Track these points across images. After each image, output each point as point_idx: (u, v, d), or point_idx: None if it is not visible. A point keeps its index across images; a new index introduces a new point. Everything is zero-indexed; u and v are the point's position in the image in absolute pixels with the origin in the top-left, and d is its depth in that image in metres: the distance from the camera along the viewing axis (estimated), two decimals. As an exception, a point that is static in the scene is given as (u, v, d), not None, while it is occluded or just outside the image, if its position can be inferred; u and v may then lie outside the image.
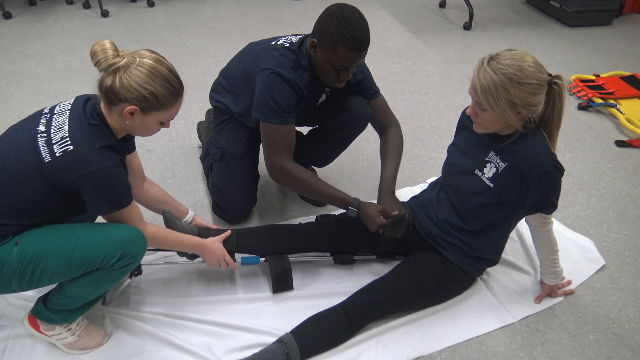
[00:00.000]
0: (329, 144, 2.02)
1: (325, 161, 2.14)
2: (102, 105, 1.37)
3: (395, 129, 1.93)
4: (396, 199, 1.76)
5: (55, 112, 1.37)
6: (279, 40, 1.76)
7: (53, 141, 1.29)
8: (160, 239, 1.52)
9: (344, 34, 1.58)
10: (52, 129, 1.31)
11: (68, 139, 1.29)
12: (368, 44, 1.64)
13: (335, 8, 1.63)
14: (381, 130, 1.94)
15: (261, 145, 1.79)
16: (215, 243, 1.65)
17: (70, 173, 1.28)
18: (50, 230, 1.35)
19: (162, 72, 1.33)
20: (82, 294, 1.41)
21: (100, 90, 1.33)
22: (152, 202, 1.72)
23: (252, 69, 1.75)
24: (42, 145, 1.29)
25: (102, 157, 1.30)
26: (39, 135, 1.31)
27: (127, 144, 1.54)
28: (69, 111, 1.35)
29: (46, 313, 1.45)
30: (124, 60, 1.29)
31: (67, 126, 1.31)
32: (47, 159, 1.28)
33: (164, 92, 1.33)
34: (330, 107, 1.92)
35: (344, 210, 1.74)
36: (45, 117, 1.36)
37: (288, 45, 1.73)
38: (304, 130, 2.16)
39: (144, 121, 1.37)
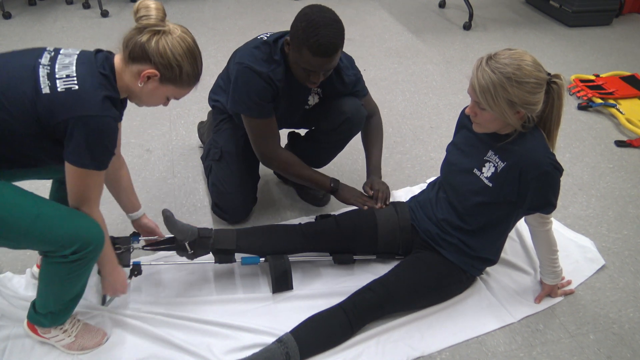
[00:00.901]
0: (325, 145, 2.02)
1: (322, 162, 2.14)
2: (118, 60, 1.36)
3: (377, 116, 2.02)
4: (384, 182, 1.91)
5: (60, 52, 1.35)
6: (262, 34, 1.78)
7: (57, 76, 1.27)
8: None
9: (309, 37, 1.55)
10: (56, 65, 1.29)
11: (75, 78, 1.27)
12: (335, 50, 1.59)
13: (308, 9, 1.60)
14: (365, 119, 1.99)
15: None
16: (120, 274, 1.56)
17: (66, 112, 1.24)
18: (12, 191, 1.29)
19: (195, 53, 1.36)
20: (48, 291, 1.39)
21: (127, 44, 1.32)
22: (116, 183, 1.66)
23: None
24: (43, 77, 1.26)
25: (104, 106, 1.27)
26: (40, 67, 1.28)
27: (122, 110, 1.51)
28: (76, 55, 1.34)
29: (36, 316, 1.46)
30: (168, 27, 1.31)
31: (74, 66, 1.30)
32: (46, 90, 1.25)
33: (189, 71, 1.35)
34: (326, 109, 1.92)
35: (344, 210, 1.74)
36: (50, 53, 1.34)
37: (265, 39, 1.74)
38: (302, 131, 2.16)
39: (156, 90, 1.37)
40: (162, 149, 2.49)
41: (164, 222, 1.67)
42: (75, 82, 1.26)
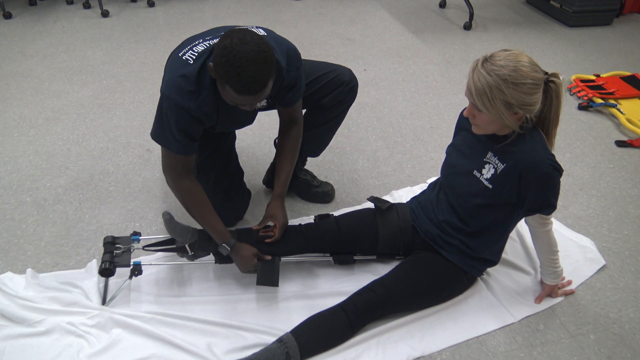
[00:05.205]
0: (324, 119, 2.01)
1: (316, 147, 2.12)
2: None
3: (299, 127, 1.88)
4: (284, 209, 1.80)
5: None
6: (187, 53, 1.58)
7: None
8: None
9: (230, 76, 1.40)
10: None
11: None
12: (261, 87, 1.43)
13: (229, 42, 1.40)
14: (285, 126, 1.88)
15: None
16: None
17: None
18: None
19: None
20: None
21: None
22: None
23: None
24: None
25: None
26: None
27: None
28: None
29: None
30: None
31: None
32: None
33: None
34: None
35: (344, 211, 1.72)
36: None
37: (191, 62, 1.55)
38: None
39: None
40: (162, 149, 2.49)
41: (164, 224, 1.67)
42: None
